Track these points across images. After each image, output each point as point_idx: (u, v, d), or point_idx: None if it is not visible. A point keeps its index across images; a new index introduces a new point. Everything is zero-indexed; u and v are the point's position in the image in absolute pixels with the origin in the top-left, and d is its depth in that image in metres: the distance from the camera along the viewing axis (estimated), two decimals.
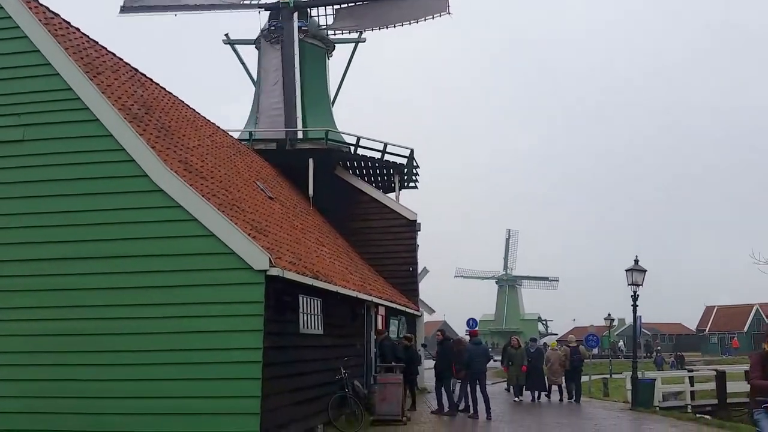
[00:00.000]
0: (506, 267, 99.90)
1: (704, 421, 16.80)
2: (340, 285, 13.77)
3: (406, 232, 23.89)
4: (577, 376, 21.34)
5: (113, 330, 10.19)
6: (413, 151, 24.74)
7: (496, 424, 14.92)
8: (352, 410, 13.64)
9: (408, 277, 23.70)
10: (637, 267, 20.13)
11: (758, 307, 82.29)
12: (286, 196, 18.97)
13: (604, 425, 15.18)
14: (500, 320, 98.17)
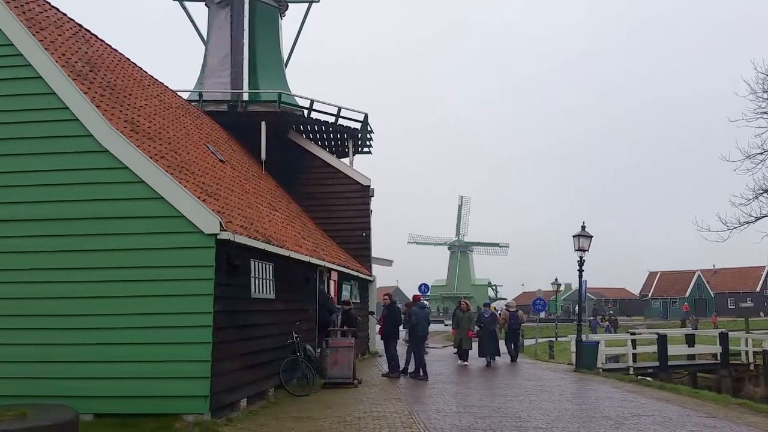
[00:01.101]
0: (458, 233, 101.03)
1: (645, 383, 17.42)
2: (293, 250, 13.73)
3: (360, 197, 23.90)
4: (516, 338, 22.96)
5: (60, 294, 10.02)
6: (367, 116, 24.65)
7: (445, 385, 15.23)
8: (303, 374, 13.73)
9: (361, 243, 23.77)
10: (584, 233, 20.63)
11: (700, 273, 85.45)
12: (238, 159, 18.69)
13: (548, 386, 15.65)
14: (452, 285, 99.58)
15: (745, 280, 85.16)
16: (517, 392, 14.25)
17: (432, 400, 12.66)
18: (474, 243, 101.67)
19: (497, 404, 12.35)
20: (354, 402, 12.26)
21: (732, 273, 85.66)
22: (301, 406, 11.80)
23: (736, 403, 13.68)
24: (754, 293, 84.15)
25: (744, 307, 77.13)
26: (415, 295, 19.11)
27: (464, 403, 12.33)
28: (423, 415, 10.83)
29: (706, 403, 13.43)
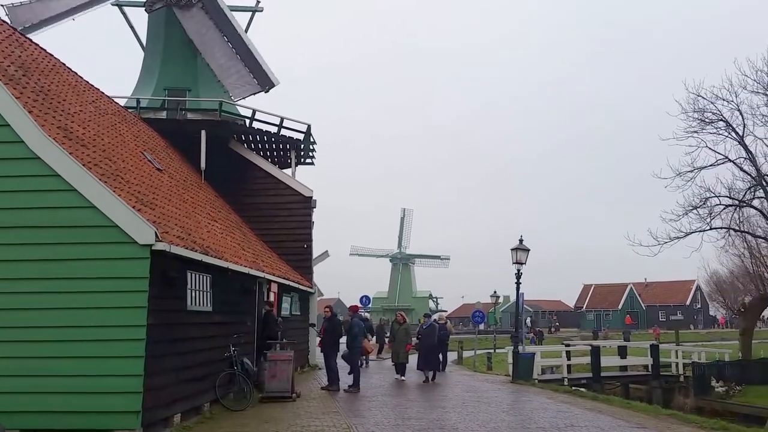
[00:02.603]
0: (400, 245, 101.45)
1: (579, 394, 17.82)
2: (232, 261, 13.53)
3: (302, 208, 23.76)
4: (444, 349, 22.69)
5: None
6: (310, 127, 24.58)
7: (384, 398, 15.22)
8: (240, 388, 13.49)
9: (302, 254, 23.60)
10: (521, 246, 21.05)
11: (632, 286, 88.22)
12: (176, 168, 18.34)
13: (485, 397, 15.83)
14: (393, 297, 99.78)
15: (675, 293, 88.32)
16: (454, 404, 14.36)
17: (371, 414, 12.62)
18: (415, 255, 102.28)
19: (435, 416, 12.41)
20: (292, 416, 12.11)
21: (663, 286, 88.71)
22: (237, 421, 11.59)
23: (666, 413, 14.09)
24: (684, 306, 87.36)
25: (674, 319, 79.95)
26: (352, 306, 18.89)
27: (403, 416, 12.34)
28: (361, 428, 10.79)
29: (637, 413, 13.79)
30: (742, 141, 25.75)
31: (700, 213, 26.05)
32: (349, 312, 18.43)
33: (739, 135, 25.70)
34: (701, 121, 26.08)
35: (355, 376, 16.48)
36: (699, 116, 26.09)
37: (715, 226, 26.84)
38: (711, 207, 26.10)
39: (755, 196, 26.64)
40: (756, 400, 22.47)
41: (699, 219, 26.08)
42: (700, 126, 26.12)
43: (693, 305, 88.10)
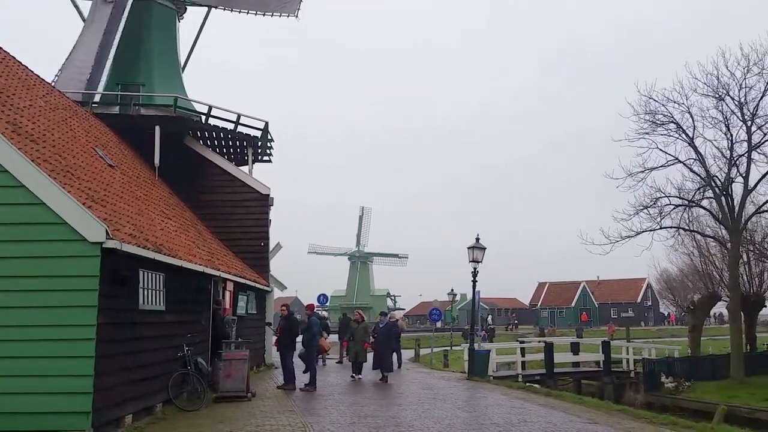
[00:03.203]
0: (359, 244, 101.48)
1: (533, 390, 18.11)
2: (186, 259, 13.33)
3: (259, 206, 23.53)
4: (397, 346, 22.64)
5: None
6: (268, 124, 24.37)
7: (341, 396, 15.21)
8: (194, 388, 13.31)
9: (259, 252, 23.39)
10: (478, 245, 21.26)
11: (585, 284, 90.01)
12: (129, 164, 17.99)
13: (441, 394, 15.95)
14: (351, 296, 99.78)
15: (627, 291, 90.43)
16: (411, 401, 14.44)
17: (327, 412, 12.60)
18: (374, 254, 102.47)
19: (391, 413, 12.46)
20: (247, 416, 12.01)
21: (615, 284, 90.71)
22: (190, 421, 11.44)
23: (617, 409, 14.39)
24: (635, 303, 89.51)
25: (625, 316, 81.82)
26: (309, 305, 18.72)
27: (359, 414, 12.34)
28: (317, 427, 10.76)
29: (589, 409, 14.05)
30: (692, 143, 26.45)
31: (651, 213, 26.67)
32: (306, 311, 18.33)
33: (689, 137, 26.39)
34: (652, 123, 26.71)
35: (311, 375, 16.42)
36: (650, 118, 26.72)
37: (665, 226, 27.53)
38: (661, 207, 26.75)
39: (704, 197, 27.40)
40: (704, 395, 23.10)
41: (650, 218, 26.70)
42: (651, 128, 26.75)
43: (644, 303, 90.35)
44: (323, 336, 18.61)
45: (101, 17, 23.10)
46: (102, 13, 23.30)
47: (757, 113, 25.25)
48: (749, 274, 33.72)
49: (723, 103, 25.82)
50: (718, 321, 70.27)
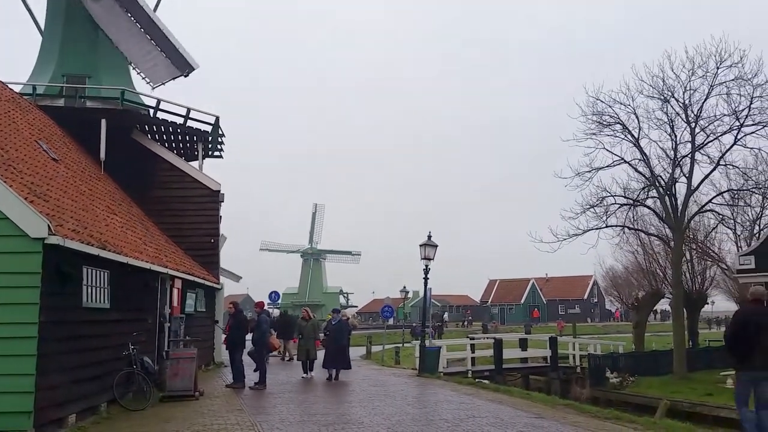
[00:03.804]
0: (311, 241, 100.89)
1: (482, 386, 18.32)
2: (132, 256, 13.04)
3: (209, 202, 23.23)
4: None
5: None
6: (219, 119, 24.04)
7: (291, 395, 15.13)
8: (140, 387, 13.06)
9: (209, 249, 23.07)
10: (430, 242, 21.42)
11: (534, 281, 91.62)
12: (74, 158, 17.51)
13: (392, 391, 16.01)
14: (303, 293, 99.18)
15: (574, 288, 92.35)
16: (361, 398, 14.46)
17: (276, 410, 12.51)
18: (327, 251, 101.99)
19: (341, 411, 12.45)
20: (194, 415, 11.84)
21: (562, 281, 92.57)
22: (136, 421, 11.22)
23: (563, 403, 14.65)
24: (582, 300, 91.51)
25: (572, 313, 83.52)
26: (258, 303, 18.50)
27: (309, 412, 12.30)
28: (266, 425, 10.67)
29: (536, 404, 14.29)
30: (638, 143, 27.12)
31: (597, 211, 27.25)
32: (255, 309, 18.14)
33: (634, 138, 27.05)
34: (599, 123, 27.29)
35: (261, 374, 16.28)
36: (598, 119, 27.29)
37: (611, 224, 28.18)
38: (607, 206, 27.36)
39: (648, 196, 28.14)
40: (647, 390, 23.74)
41: (596, 217, 27.28)
42: (598, 128, 27.33)
43: (590, 299, 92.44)
44: (272, 333, 18.48)
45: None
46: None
47: (700, 115, 26.04)
48: (692, 272, 34.85)
49: (668, 105, 26.56)
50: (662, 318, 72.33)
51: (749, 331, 8.74)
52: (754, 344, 8.65)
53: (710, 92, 25.73)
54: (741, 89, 25.11)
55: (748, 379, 8.85)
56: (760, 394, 8.76)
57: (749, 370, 8.78)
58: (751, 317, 8.90)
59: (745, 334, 8.77)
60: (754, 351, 8.64)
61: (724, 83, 25.40)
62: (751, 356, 8.68)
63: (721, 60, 25.12)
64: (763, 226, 30.97)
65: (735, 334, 8.98)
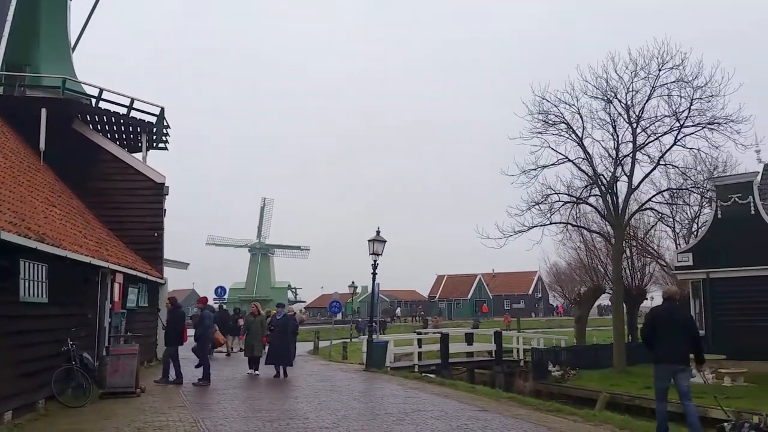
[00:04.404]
0: (260, 235, 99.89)
1: (428, 380, 18.51)
2: (71, 250, 12.69)
3: (153, 195, 22.76)
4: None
5: None
6: (164, 110, 23.55)
7: (236, 391, 15.00)
8: (79, 383, 12.74)
9: (153, 243, 22.62)
10: (378, 237, 21.48)
11: (481, 277, 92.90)
12: (11, 148, 16.90)
13: (338, 386, 16.04)
14: (251, 288, 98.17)
15: (519, 283, 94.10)
16: (307, 394, 14.43)
17: (220, 407, 12.38)
18: (275, 246, 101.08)
19: (287, 407, 12.41)
20: (135, 412, 11.61)
21: (508, 277, 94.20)
22: (75, 419, 10.94)
23: (507, 397, 14.93)
24: (526, 295, 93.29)
25: (517, 308, 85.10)
26: (201, 298, 18.09)
27: (253, 408, 12.21)
28: (209, 422, 10.55)
29: (480, 397, 14.52)
30: (581, 143, 27.68)
31: (542, 208, 27.69)
32: (197, 304, 17.85)
33: (578, 137, 27.59)
34: (545, 122, 27.75)
35: (204, 370, 16.07)
36: (543, 118, 27.75)
37: (555, 221, 28.66)
38: (551, 203, 27.84)
39: (591, 194, 28.76)
40: (588, 383, 24.27)
41: (540, 214, 27.72)
42: (544, 127, 27.79)
43: (535, 295, 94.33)
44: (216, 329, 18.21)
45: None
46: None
47: (642, 116, 26.72)
48: (631, 268, 35.86)
49: (611, 106, 27.17)
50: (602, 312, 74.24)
51: (662, 327, 9.37)
52: (667, 339, 9.26)
53: (652, 94, 26.44)
54: (681, 91, 25.86)
55: (664, 372, 9.40)
56: (678, 386, 9.33)
57: (665, 363, 9.34)
58: (663, 314, 9.55)
59: (659, 330, 9.39)
60: (668, 345, 9.24)
61: (666, 85, 26.14)
62: (666, 350, 9.26)
63: (663, 62, 25.83)
64: (701, 224, 32.01)
65: (650, 331, 9.62)
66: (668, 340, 9.23)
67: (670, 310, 9.59)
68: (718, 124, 25.12)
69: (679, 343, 9.25)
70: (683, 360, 9.36)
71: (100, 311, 15.33)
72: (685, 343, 9.29)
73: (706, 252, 26.07)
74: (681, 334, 9.30)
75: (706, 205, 30.10)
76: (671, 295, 9.87)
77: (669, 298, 9.78)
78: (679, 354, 9.27)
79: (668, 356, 9.27)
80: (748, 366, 22.15)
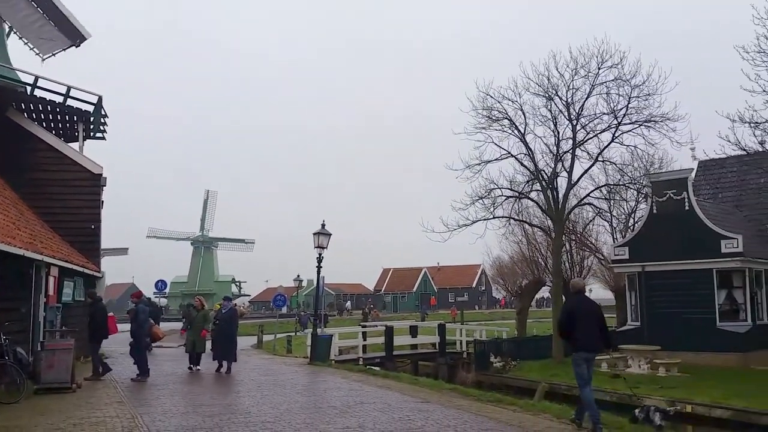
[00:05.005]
0: (203, 228, 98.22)
1: (372, 372, 18.59)
2: (3, 242, 12.28)
3: (90, 186, 22.18)
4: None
5: None
6: (101, 98, 22.90)
7: (176, 386, 14.76)
8: (13, 379, 12.30)
9: (89, 236, 22.02)
10: (323, 231, 21.43)
11: (426, 270, 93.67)
12: None
13: (282, 380, 15.95)
14: (194, 282, 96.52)
15: (463, 276, 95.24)
16: (249, 388, 14.32)
17: (159, 402, 12.16)
18: (219, 239, 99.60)
19: (228, 401, 12.28)
20: (71, 407, 11.30)
21: (453, 270, 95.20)
22: (8, 414, 10.58)
23: (449, 388, 15.13)
24: (470, 288, 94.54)
25: (461, 300, 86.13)
26: (134, 292, 17.61)
27: (193, 403, 12.04)
28: (147, 417, 10.35)
29: (423, 389, 14.67)
30: (524, 138, 28.15)
31: (485, 203, 28.07)
32: (131, 299, 17.33)
33: (521, 133, 28.06)
34: (489, 118, 28.13)
35: (140, 365, 15.67)
36: (487, 114, 28.11)
37: (498, 215, 29.12)
38: (494, 198, 28.25)
39: (533, 189, 29.30)
40: (528, 373, 24.77)
41: (484, 208, 28.10)
42: (487, 123, 28.16)
43: (478, 287, 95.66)
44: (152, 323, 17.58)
45: None
46: None
47: (581, 113, 27.35)
48: (571, 262, 36.69)
49: (552, 103, 27.72)
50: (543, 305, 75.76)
51: (574, 318, 9.99)
52: (583, 329, 9.87)
53: (591, 91, 27.09)
54: (620, 89, 26.58)
55: (581, 359, 9.98)
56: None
57: (582, 351, 9.94)
58: (578, 306, 10.19)
59: (572, 321, 10.01)
60: (584, 334, 9.86)
61: (605, 83, 26.82)
62: (583, 339, 9.88)
63: (602, 61, 26.49)
64: (637, 219, 32.98)
65: (564, 322, 10.24)
66: (584, 329, 9.84)
67: (583, 302, 10.26)
68: (654, 122, 25.95)
69: (593, 333, 9.87)
70: (596, 348, 10.05)
71: (35, 305, 14.83)
72: (597, 332, 9.92)
73: (641, 246, 26.87)
74: (594, 324, 9.94)
75: (642, 200, 31.04)
76: (580, 288, 10.58)
77: (579, 291, 10.47)
78: (593, 342, 9.93)
79: (585, 344, 9.89)
80: (681, 356, 22.97)
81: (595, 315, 10.03)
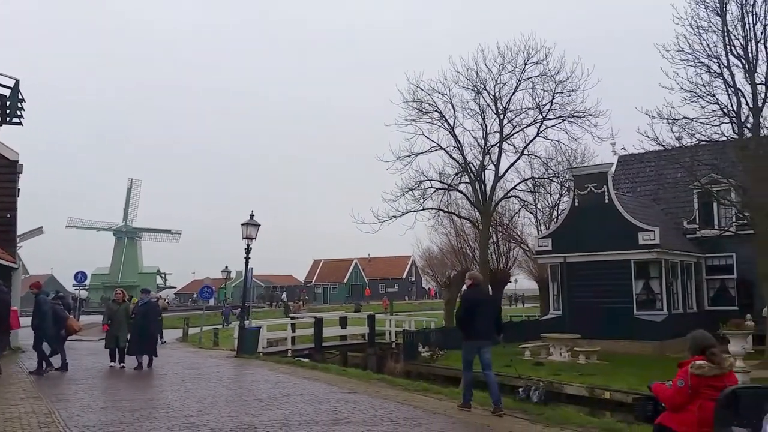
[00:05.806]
0: (126, 218, 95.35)
1: (300, 364, 18.48)
2: None
3: (6, 173, 21.24)
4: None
5: None
6: (18, 82, 21.86)
7: (95, 381, 14.33)
8: None
9: (5, 225, 21.06)
10: (252, 221, 21.15)
11: (357, 261, 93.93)
12: None
13: (207, 373, 15.69)
14: (116, 273, 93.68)
15: (394, 267, 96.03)
16: (173, 381, 14.02)
17: (77, 397, 11.76)
18: (143, 229, 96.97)
19: (150, 396, 12.01)
20: None
21: (384, 261, 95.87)
22: None
23: (377, 378, 15.21)
24: (401, 279, 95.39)
25: (392, 291, 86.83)
26: (33, 283, 16.02)
27: (114, 398, 11.72)
28: (65, 413, 9.99)
29: (351, 380, 14.71)
30: (453, 131, 28.64)
31: (415, 194, 28.48)
32: (31, 290, 15.81)
33: (450, 126, 28.53)
34: (419, 110, 28.43)
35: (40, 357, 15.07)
36: (417, 106, 28.41)
37: (427, 207, 29.58)
38: (424, 189, 28.69)
39: (461, 181, 29.88)
40: (455, 363, 25.03)
41: (414, 200, 28.50)
42: (418, 115, 28.47)
43: (408, 278, 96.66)
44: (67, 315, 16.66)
45: None
46: None
47: (508, 108, 28.05)
48: (497, 253, 37.59)
49: (480, 97, 28.29)
50: None
51: (471, 308, 10.48)
52: (479, 319, 10.37)
53: (518, 86, 27.79)
54: (545, 85, 27.41)
55: (471, 346, 10.52)
56: (483, 359, 10.46)
57: (473, 339, 10.46)
58: (477, 297, 10.70)
59: (469, 311, 10.48)
60: (476, 324, 10.36)
61: (531, 79, 27.56)
62: (478, 329, 10.38)
63: (528, 57, 27.18)
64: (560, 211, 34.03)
65: (466, 313, 10.58)
66: (480, 320, 10.34)
67: (481, 293, 10.80)
68: (577, 117, 26.87)
69: (487, 322, 10.41)
70: (489, 336, 10.58)
71: None
72: (491, 321, 10.49)
73: (563, 237, 27.73)
74: (490, 314, 10.52)
75: (565, 193, 32.06)
76: (478, 280, 11.06)
77: (477, 283, 10.92)
78: (486, 332, 10.46)
79: (479, 334, 10.39)
80: (601, 345, 23.85)
81: (492, 305, 10.62)
